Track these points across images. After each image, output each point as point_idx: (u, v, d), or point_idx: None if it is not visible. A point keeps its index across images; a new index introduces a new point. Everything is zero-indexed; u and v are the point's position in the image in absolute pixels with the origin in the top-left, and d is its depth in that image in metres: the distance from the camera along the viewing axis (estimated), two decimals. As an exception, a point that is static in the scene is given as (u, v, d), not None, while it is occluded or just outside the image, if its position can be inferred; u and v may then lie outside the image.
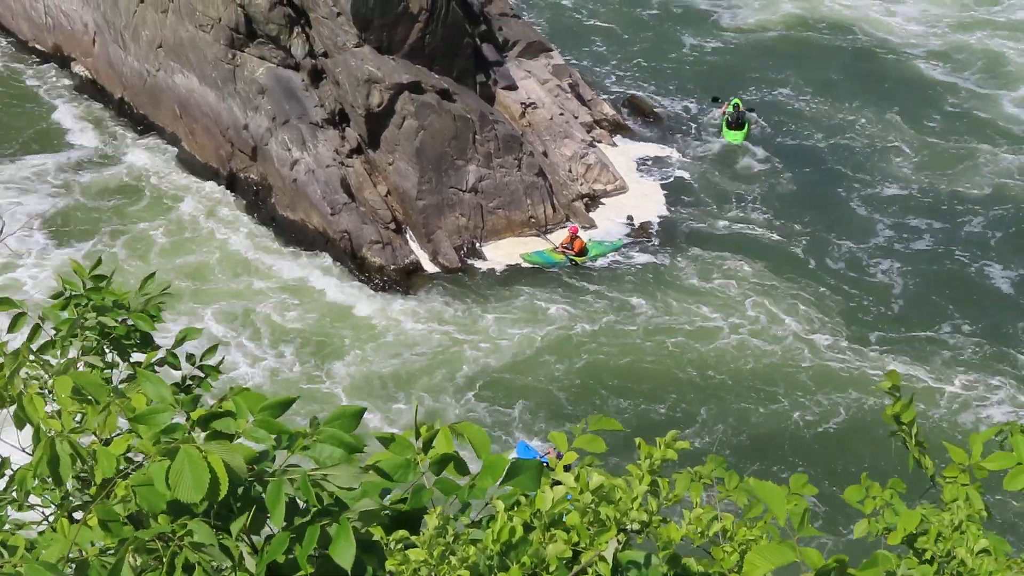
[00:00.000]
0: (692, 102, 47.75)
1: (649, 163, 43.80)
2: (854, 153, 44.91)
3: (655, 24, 53.71)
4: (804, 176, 43.51)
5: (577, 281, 37.82)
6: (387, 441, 4.58)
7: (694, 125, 46.33)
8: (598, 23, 53.55)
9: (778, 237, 40.10)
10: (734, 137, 45.75)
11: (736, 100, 46.48)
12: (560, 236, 39.21)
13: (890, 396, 6.28)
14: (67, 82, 47.59)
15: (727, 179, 43.14)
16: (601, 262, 38.61)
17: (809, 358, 34.63)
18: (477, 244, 39.20)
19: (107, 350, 6.49)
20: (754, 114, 46.49)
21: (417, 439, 4.48)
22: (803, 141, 45.54)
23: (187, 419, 4.50)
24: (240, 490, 4.27)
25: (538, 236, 39.58)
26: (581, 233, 39.19)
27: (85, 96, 46.67)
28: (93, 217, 40.04)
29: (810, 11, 54.71)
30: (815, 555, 4.50)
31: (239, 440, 4.40)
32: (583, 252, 38.46)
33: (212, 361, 6.52)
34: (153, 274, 6.95)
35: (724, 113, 46.19)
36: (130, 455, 4.73)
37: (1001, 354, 34.74)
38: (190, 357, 6.54)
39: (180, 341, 6.50)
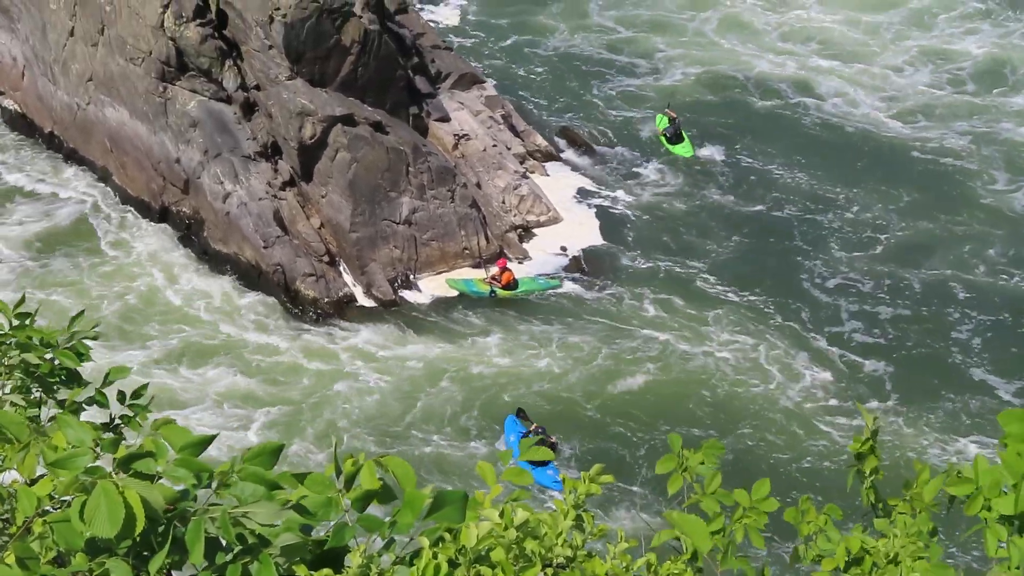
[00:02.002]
0: (625, 133, 47.84)
1: (583, 193, 43.90)
2: (802, 192, 44.51)
3: (588, 60, 53.83)
4: (744, 204, 43.50)
5: (504, 311, 37.85)
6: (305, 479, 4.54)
7: (628, 155, 46.42)
8: (532, 60, 53.64)
9: (708, 266, 40.32)
10: (683, 151, 46.00)
11: (662, 115, 46.82)
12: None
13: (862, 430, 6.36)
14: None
15: (662, 208, 43.28)
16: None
17: (764, 387, 34.84)
18: (411, 276, 39.15)
19: (33, 388, 6.42)
20: (682, 119, 46.87)
21: (338, 476, 4.45)
22: (740, 176, 45.21)
23: (112, 461, 4.45)
24: (161, 528, 4.22)
25: (477, 266, 39.56)
26: (512, 266, 39.18)
27: (13, 130, 46.20)
28: (20, 253, 39.61)
29: (740, 69, 54.39)
30: None
31: (161, 480, 4.35)
32: (512, 286, 38.43)
33: (142, 399, 6.45)
34: (82, 312, 6.89)
35: (662, 131, 46.48)
36: (53, 495, 4.68)
37: (970, 401, 34.77)
38: (121, 395, 6.47)
39: (108, 380, 6.43)
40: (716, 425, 33.47)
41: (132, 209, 41.66)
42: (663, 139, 46.38)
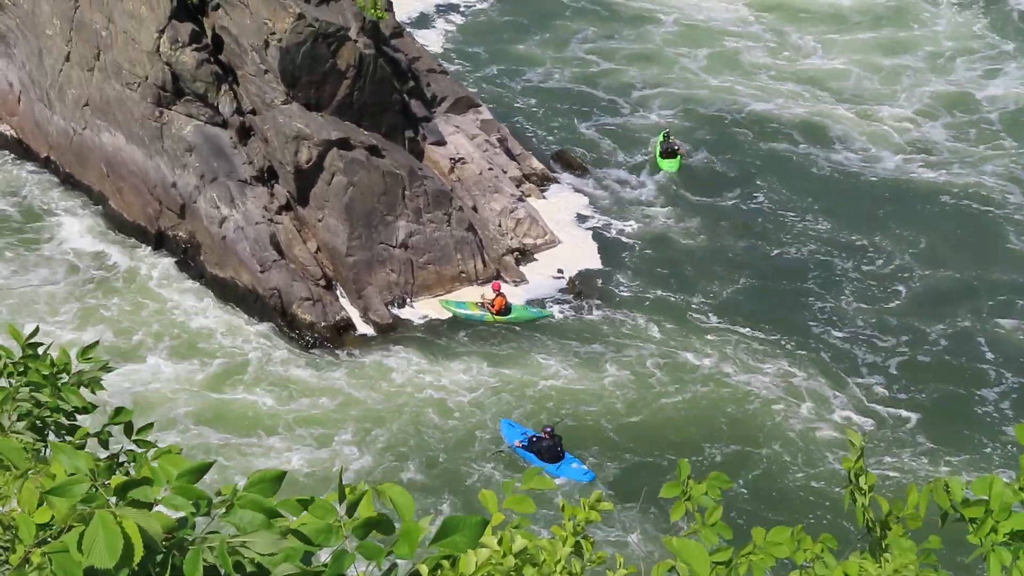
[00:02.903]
0: (621, 158, 47.94)
1: (580, 217, 43.97)
2: (818, 234, 44.10)
3: (579, 86, 53.96)
4: (750, 240, 43.44)
5: (510, 333, 37.84)
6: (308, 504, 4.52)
7: (625, 179, 46.51)
8: (522, 88, 53.74)
9: (710, 295, 40.32)
10: (669, 166, 46.87)
11: (665, 131, 47.54)
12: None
13: (851, 451, 6.36)
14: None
15: (659, 234, 43.30)
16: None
17: (783, 418, 34.76)
18: (408, 300, 39.15)
19: (38, 423, 6.41)
20: (683, 143, 47.68)
21: (341, 502, 4.44)
22: (750, 213, 45.06)
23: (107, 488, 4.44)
24: (159, 558, 4.21)
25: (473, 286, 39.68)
26: (506, 291, 39.10)
27: (10, 155, 46.22)
28: (21, 278, 39.56)
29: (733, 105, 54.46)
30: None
31: (158, 508, 4.34)
32: (504, 312, 38.37)
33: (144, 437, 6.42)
34: (96, 343, 6.88)
35: (659, 146, 47.11)
36: (50, 527, 4.67)
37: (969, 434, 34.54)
38: (128, 428, 6.45)
39: (113, 420, 6.41)
40: (732, 451, 33.33)
41: (129, 234, 41.65)
42: (657, 155, 46.93)
